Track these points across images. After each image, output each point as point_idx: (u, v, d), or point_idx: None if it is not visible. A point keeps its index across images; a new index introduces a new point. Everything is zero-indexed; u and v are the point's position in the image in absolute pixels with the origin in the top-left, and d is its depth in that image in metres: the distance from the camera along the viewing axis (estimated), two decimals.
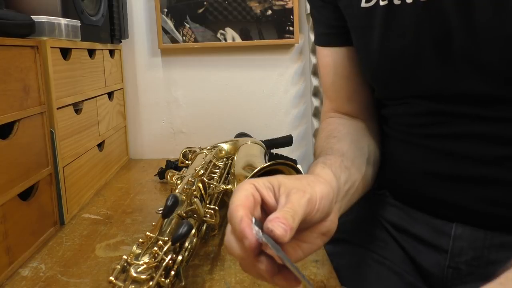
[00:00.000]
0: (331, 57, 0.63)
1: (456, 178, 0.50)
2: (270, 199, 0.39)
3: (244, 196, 0.37)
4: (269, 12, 1.16)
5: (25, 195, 0.65)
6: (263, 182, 0.40)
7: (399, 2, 0.49)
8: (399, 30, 0.50)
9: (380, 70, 0.55)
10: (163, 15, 1.17)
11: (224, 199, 0.77)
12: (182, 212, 0.57)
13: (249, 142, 0.90)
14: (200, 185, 0.63)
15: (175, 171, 0.78)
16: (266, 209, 0.39)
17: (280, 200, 0.38)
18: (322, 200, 0.39)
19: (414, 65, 0.50)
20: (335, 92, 0.65)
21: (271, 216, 0.35)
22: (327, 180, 0.43)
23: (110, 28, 1.06)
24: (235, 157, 0.82)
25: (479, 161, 0.48)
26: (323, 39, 0.65)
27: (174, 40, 1.18)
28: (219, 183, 0.73)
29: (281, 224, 0.34)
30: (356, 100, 0.64)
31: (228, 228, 0.38)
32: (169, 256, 0.47)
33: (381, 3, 0.51)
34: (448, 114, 0.50)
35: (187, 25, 1.17)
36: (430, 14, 0.47)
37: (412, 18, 0.48)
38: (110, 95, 1.07)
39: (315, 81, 1.16)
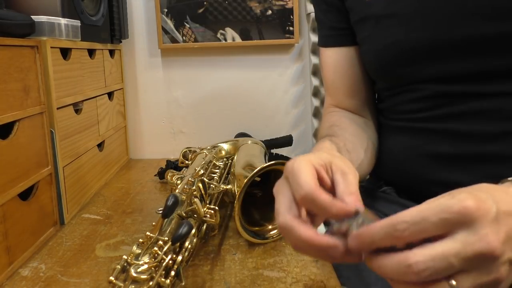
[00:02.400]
0: (332, 57, 0.67)
1: (459, 157, 0.51)
2: (325, 177, 0.39)
3: (315, 178, 0.37)
4: (269, 12, 1.16)
5: (25, 195, 0.65)
6: (317, 161, 0.40)
7: None
8: (403, 18, 0.52)
9: (387, 59, 0.57)
10: (163, 15, 1.17)
11: (224, 199, 0.77)
12: (182, 212, 0.57)
13: (249, 142, 0.90)
14: (200, 185, 0.63)
15: (175, 171, 0.78)
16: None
17: (337, 179, 0.39)
18: None
19: (418, 50, 0.52)
20: (336, 89, 0.69)
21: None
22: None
23: (110, 28, 1.06)
24: (235, 157, 0.82)
25: (481, 138, 0.49)
26: (326, 40, 0.68)
27: (174, 40, 1.18)
28: (219, 183, 0.73)
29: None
30: (356, 97, 0.67)
31: (286, 216, 0.36)
32: (169, 256, 0.47)
33: None
34: (448, 95, 0.52)
35: (187, 25, 1.17)
36: (432, 1, 0.49)
37: (415, 6, 0.51)
38: (110, 95, 1.07)
39: (315, 81, 1.16)
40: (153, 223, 0.55)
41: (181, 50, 1.21)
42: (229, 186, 0.72)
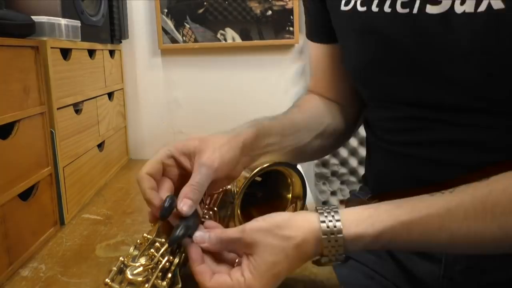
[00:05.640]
0: (316, 51, 0.68)
1: (437, 184, 0.50)
2: (186, 164, 0.48)
3: (154, 162, 0.47)
4: (269, 12, 1.16)
5: (25, 195, 0.65)
6: (181, 148, 0.48)
7: (377, 10, 0.49)
8: (375, 36, 0.50)
9: (358, 73, 0.57)
10: (163, 15, 1.17)
11: (224, 199, 0.77)
12: None
13: None
14: None
15: None
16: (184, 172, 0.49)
17: (194, 168, 0.47)
18: (228, 166, 0.50)
19: (388, 73, 0.50)
20: (317, 81, 0.70)
21: (181, 193, 0.45)
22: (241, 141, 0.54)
23: (110, 28, 1.06)
24: None
25: (458, 167, 0.47)
26: (309, 33, 0.69)
27: (174, 41, 1.18)
28: None
29: (187, 201, 0.45)
30: (335, 91, 0.68)
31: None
32: (166, 258, 0.47)
33: (360, 8, 0.51)
34: (426, 120, 0.50)
35: (187, 25, 1.17)
36: (407, 26, 0.46)
37: (389, 28, 0.48)
38: (110, 95, 1.07)
39: None
40: (152, 224, 0.55)
41: (181, 50, 1.21)
42: (229, 186, 0.72)
